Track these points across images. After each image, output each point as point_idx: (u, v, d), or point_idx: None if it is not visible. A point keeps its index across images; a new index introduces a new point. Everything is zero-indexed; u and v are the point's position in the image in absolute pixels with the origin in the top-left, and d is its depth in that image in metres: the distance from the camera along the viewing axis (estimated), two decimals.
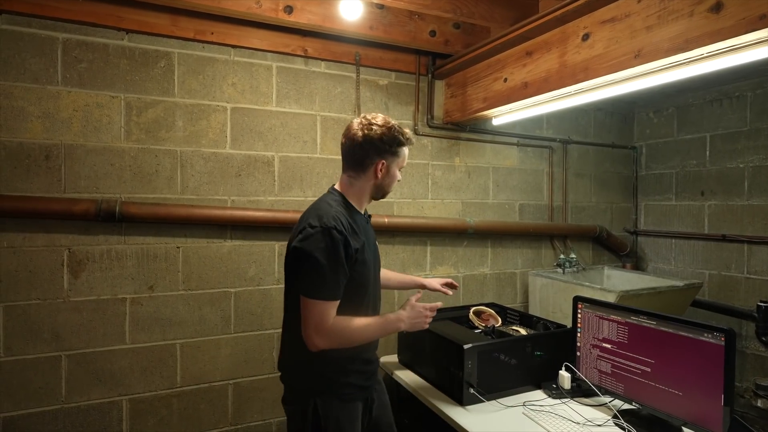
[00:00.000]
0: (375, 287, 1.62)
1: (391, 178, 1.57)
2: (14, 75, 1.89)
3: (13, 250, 1.90)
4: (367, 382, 1.59)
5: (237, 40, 2.22)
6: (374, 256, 1.61)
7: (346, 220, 1.46)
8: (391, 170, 1.56)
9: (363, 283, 1.52)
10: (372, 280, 1.58)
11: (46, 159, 1.94)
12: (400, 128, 1.54)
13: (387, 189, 1.59)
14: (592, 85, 1.88)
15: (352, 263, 1.44)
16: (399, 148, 1.54)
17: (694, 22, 1.46)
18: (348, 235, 1.43)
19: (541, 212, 3.12)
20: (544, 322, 2.25)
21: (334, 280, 1.40)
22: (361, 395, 1.57)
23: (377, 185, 1.57)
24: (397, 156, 1.55)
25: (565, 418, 1.72)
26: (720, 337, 1.50)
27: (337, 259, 1.39)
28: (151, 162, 2.10)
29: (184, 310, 2.17)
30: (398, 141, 1.53)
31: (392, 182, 1.58)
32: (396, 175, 1.58)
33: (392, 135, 1.52)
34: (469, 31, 2.52)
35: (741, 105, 2.89)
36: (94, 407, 2.02)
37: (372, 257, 1.57)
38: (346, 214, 1.49)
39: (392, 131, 1.52)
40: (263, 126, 2.31)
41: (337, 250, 1.39)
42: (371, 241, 1.61)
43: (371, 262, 1.56)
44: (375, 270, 1.61)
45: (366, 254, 1.51)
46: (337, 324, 1.41)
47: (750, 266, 2.82)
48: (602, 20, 1.76)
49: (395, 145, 1.53)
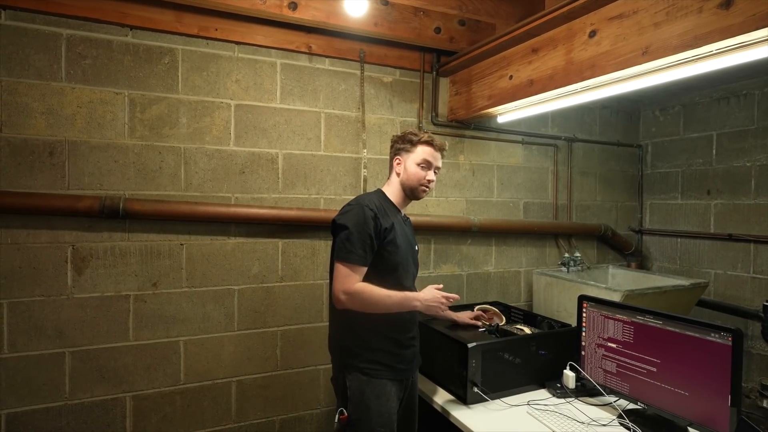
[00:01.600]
0: (405, 277, 1.74)
1: (410, 174, 1.75)
2: (18, 71, 1.88)
3: (17, 246, 1.90)
4: (398, 364, 1.70)
5: (241, 37, 2.21)
6: (408, 248, 1.77)
7: (380, 204, 1.69)
8: (407, 166, 1.75)
9: (392, 265, 1.68)
10: (402, 267, 1.71)
11: (50, 155, 1.93)
12: (416, 131, 1.79)
13: (411, 184, 1.75)
14: (598, 82, 1.86)
15: (382, 240, 1.64)
16: (411, 145, 1.75)
17: (703, 19, 1.44)
18: (377, 214, 1.64)
19: (545, 211, 3.11)
20: (549, 321, 2.24)
21: (362, 248, 1.59)
22: (391, 375, 1.67)
23: (401, 182, 1.77)
24: (410, 152, 1.76)
25: (569, 418, 1.71)
26: (727, 337, 1.49)
27: (366, 230, 1.60)
28: (154, 159, 2.10)
29: (188, 307, 2.17)
30: (409, 139, 1.76)
31: (414, 178, 1.74)
32: (415, 170, 1.74)
33: (405, 135, 1.78)
34: (474, 28, 2.50)
35: (748, 103, 2.86)
36: (98, 404, 2.02)
37: (405, 246, 1.73)
38: (383, 204, 1.73)
39: (405, 133, 1.78)
40: (267, 123, 2.30)
41: (367, 222, 1.60)
42: (407, 237, 1.78)
43: (404, 250, 1.72)
44: (407, 261, 1.75)
45: (397, 238, 1.68)
46: (362, 286, 1.58)
47: (756, 266, 2.80)
48: (609, 17, 1.74)
49: (406, 142, 1.76)
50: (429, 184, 1.77)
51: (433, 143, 1.76)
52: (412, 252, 1.81)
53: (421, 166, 1.74)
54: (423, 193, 1.77)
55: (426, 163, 1.75)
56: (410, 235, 1.85)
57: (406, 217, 1.88)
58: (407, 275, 1.76)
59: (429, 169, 1.76)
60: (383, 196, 1.79)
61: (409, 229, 1.87)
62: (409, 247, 1.79)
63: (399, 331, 1.71)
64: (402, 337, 1.72)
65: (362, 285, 1.59)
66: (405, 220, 1.85)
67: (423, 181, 1.75)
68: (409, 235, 1.84)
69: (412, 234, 1.88)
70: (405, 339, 1.73)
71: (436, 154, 1.78)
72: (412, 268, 1.80)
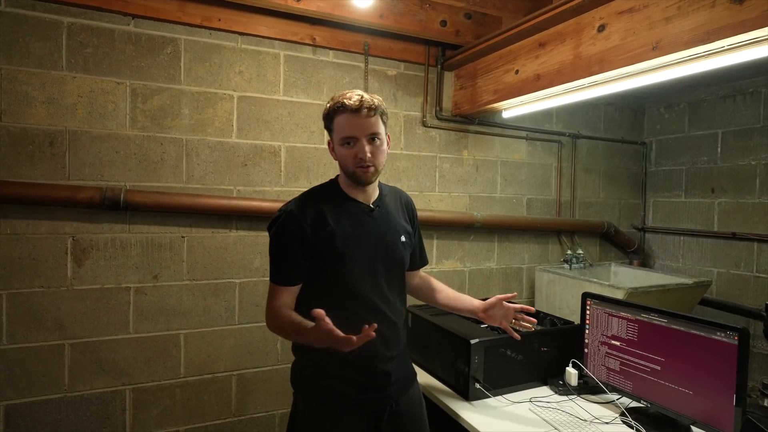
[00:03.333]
0: (364, 284, 1.40)
1: (340, 158, 1.38)
2: (18, 59, 1.86)
3: (17, 237, 1.88)
4: (361, 393, 1.41)
5: (244, 28, 2.19)
6: (371, 245, 1.42)
7: (314, 204, 1.38)
8: (335, 147, 1.39)
9: (338, 279, 1.38)
10: (353, 273, 1.38)
11: (50, 145, 1.91)
12: (339, 96, 1.35)
13: (346, 168, 1.38)
14: (606, 77, 1.84)
15: (314, 251, 1.35)
16: (331, 120, 1.37)
17: (716, 13, 1.42)
18: (306, 219, 1.34)
19: (548, 207, 3.09)
20: (551, 318, 2.23)
21: (280, 265, 1.36)
22: (351, 406, 1.41)
23: (340, 167, 1.42)
24: (331, 129, 1.39)
25: (571, 415, 1.70)
26: (733, 336, 1.48)
27: (284, 243, 1.35)
28: (156, 150, 2.07)
29: (189, 300, 2.15)
30: (328, 112, 1.37)
31: (344, 162, 1.37)
32: (341, 152, 1.36)
33: (326, 108, 1.38)
34: (480, 22, 2.47)
35: (755, 101, 2.84)
36: (97, 396, 2.01)
37: (362, 252, 1.40)
38: (326, 198, 1.42)
39: (328, 104, 1.38)
40: (270, 115, 2.28)
41: (284, 233, 1.35)
42: (369, 233, 1.42)
43: (357, 257, 1.38)
44: (362, 262, 1.40)
45: (343, 245, 1.36)
46: (278, 311, 1.34)
47: (759, 265, 2.78)
48: (619, 11, 1.71)
49: (327, 118, 1.39)
50: (364, 162, 1.33)
51: (345, 106, 1.31)
52: (380, 248, 1.43)
53: (345, 145, 1.35)
54: (364, 174, 1.35)
55: (348, 139, 1.33)
56: (384, 224, 1.46)
57: (374, 207, 1.46)
58: (367, 280, 1.40)
59: (355, 144, 1.33)
60: (333, 187, 1.46)
61: (378, 220, 1.46)
62: (374, 242, 1.42)
63: (367, 355, 1.35)
64: (372, 362, 1.40)
65: (276, 309, 1.34)
66: (374, 207, 1.45)
67: (353, 162, 1.34)
68: (381, 225, 1.45)
69: (394, 221, 1.50)
70: (376, 363, 1.41)
71: (355, 120, 1.31)
72: (379, 268, 1.43)
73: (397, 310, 1.50)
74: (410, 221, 1.60)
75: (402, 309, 1.54)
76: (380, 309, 1.42)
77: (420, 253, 1.69)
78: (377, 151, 1.36)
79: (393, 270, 1.48)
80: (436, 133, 2.68)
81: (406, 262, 1.54)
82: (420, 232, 1.68)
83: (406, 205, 1.61)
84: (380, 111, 1.36)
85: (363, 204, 1.45)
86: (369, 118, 1.33)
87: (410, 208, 1.63)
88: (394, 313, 1.48)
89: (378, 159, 1.36)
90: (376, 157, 1.36)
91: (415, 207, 1.65)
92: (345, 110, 1.32)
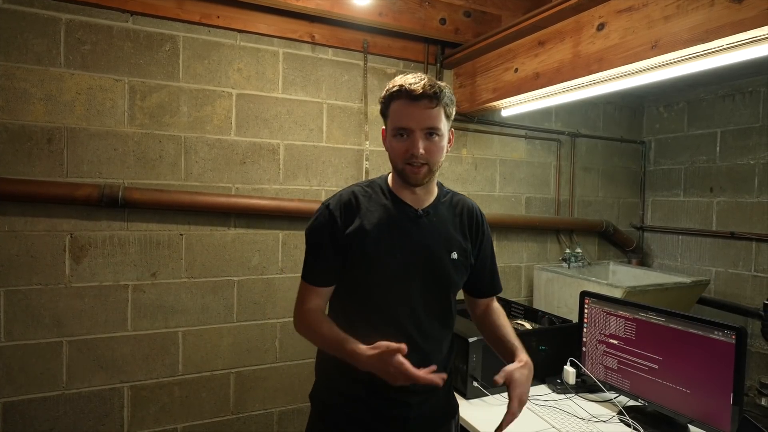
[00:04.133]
0: (389, 301, 1.23)
1: (389, 150, 1.22)
2: (16, 56, 1.85)
3: (15, 234, 1.88)
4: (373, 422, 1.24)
5: (243, 25, 2.18)
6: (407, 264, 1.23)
7: (354, 198, 1.24)
8: (387, 137, 1.24)
9: (362, 288, 1.23)
10: (378, 285, 1.22)
11: (48, 142, 1.91)
12: (400, 79, 1.19)
13: (395, 163, 1.21)
14: (605, 76, 1.84)
15: (345, 249, 1.21)
16: (387, 106, 1.21)
17: (715, 12, 1.41)
18: (341, 214, 1.21)
19: (547, 206, 3.09)
20: (549, 317, 2.23)
21: (312, 262, 1.24)
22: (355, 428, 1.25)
23: (390, 160, 1.24)
24: (386, 116, 1.22)
25: (569, 414, 1.70)
26: (731, 335, 1.48)
27: (316, 238, 1.23)
28: (154, 147, 2.07)
29: (187, 298, 2.15)
30: (385, 96, 1.21)
31: (393, 155, 1.20)
32: (392, 144, 1.20)
33: (384, 94, 1.22)
34: (480, 20, 2.47)
35: (754, 101, 2.84)
36: (96, 394, 2.01)
37: (396, 263, 1.22)
38: (369, 194, 1.27)
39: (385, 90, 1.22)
40: (269, 113, 2.28)
41: (322, 227, 1.22)
42: (410, 243, 1.24)
43: (389, 267, 1.22)
44: (392, 275, 1.22)
45: (373, 249, 1.20)
46: (311, 314, 1.23)
47: (757, 264, 2.79)
48: (618, 9, 1.71)
49: (383, 103, 1.22)
50: (415, 159, 1.15)
51: (403, 91, 1.14)
52: (421, 262, 1.24)
53: (398, 136, 1.18)
54: (414, 173, 1.17)
55: (401, 130, 1.16)
56: (431, 235, 1.26)
57: (426, 211, 1.26)
58: (398, 297, 1.22)
59: (408, 137, 1.16)
60: (381, 183, 1.30)
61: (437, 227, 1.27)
62: (414, 254, 1.23)
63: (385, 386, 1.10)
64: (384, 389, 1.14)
65: (311, 313, 1.22)
66: (423, 214, 1.26)
67: (403, 157, 1.17)
68: (427, 236, 1.25)
69: (446, 233, 1.28)
70: (389, 392, 1.18)
71: (413, 110, 1.14)
72: (416, 285, 1.23)
73: (434, 340, 1.27)
74: (471, 237, 1.34)
75: (443, 341, 1.31)
76: (410, 335, 1.20)
77: (490, 278, 1.43)
78: (434, 149, 1.17)
79: (434, 291, 1.26)
80: None
81: (454, 284, 1.31)
82: (493, 252, 1.43)
83: (470, 217, 1.35)
84: (445, 101, 1.16)
85: (410, 208, 1.25)
86: (429, 109, 1.14)
87: (475, 221, 1.36)
88: (429, 343, 1.25)
89: (434, 157, 1.18)
90: (432, 155, 1.17)
91: (484, 221, 1.39)
92: (402, 96, 1.15)
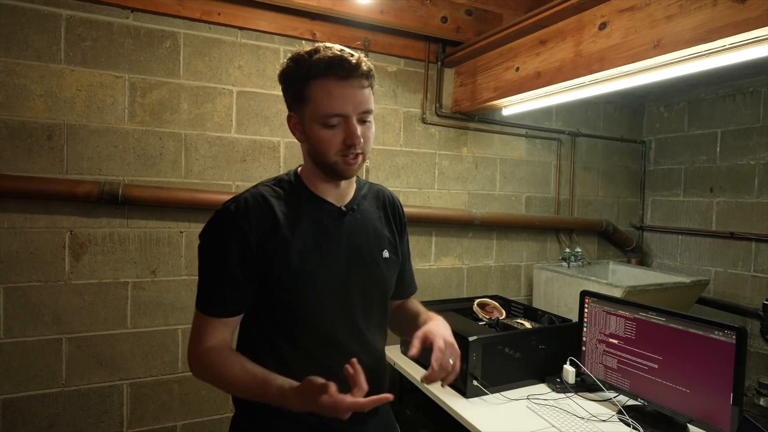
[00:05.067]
0: (334, 326, 1.04)
1: (315, 142, 0.97)
2: (17, 52, 1.84)
3: (14, 231, 1.87)
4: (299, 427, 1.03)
5: (244, 22, 2.17)
6: (341, 272, 1.05)
7: (262, 202, 1.01)
8: (306, 127, 0.98)
9: (294, 312, 1.02)
10: (324, 312, 1.03)
11: (48, 139, 1.90)
12: (312, 50, 0.95)
13: (324, 156, 0.98)
14: (607, 75, 1.83)
15: (260, 269, 0.98)
16: (302, 89, 0.96)
17: (717, 12, 1.41)
18: (252, 223, 0.98)
19: (547, 205, 3.09)
20: (549, 316, 2.23)
21: (212, 287, 0.99)
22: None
23: (309, 154, 1.03)
24: (303, 101, 0.96)
25: (569, 413, 1.71)
26: (731, 335, 1.49)
27: (219, 257, 0.98)
28: (155, 145, 2.07)
29: (187, 295, 2.15)
30: (299, 72, 0.95)
31: (325, 145, 0.97)
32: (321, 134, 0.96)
33: (286, 69, 0.98)
34: (481, 18, 2.47)
35: (754, 101, 2.84)
36: (95, 391, 2.01)
37: (329, 274, 1.03)
38: (280, 195, 1.04)
39: (287, 64, 0.98)
40: (269, 110, 2.27)
41: (222, 242, 0.98)
42: (339, 246, 1.06)
43: (321, 280, 1.02)
44: (337, 296, 1.04)
45: (300, 262, 1.00)
46: (215, 354, 0.97)
47: (757, 264, 2.79)
48: (621, 9, 1.71)
49: (294, 83, 0.97)
50: (354, 149, 0.97)
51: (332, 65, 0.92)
52: (355, 266, 1.06)
53: (329, 125, 0.95)
54: (351, 166, 0.99)
55: (335, 117, 0.95)
56: (360, 234, 1.09)
57: (350, 207, 1.09)
58: (337, 313, 1.04)
59: (343, 125, 0.96)
60: (291, 182, 1.08)
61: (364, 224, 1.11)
62: (346, 259, 1.05)
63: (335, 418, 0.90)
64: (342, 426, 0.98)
65: (209, 350, 0.97)
66: (347, 211, 1.08)
67: (338, 148, 0.96)
68: (356, 235, 1.08)
69: (375, 230, 1.12)
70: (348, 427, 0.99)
71: (346, 91, 0.94)
72: (354, 295, 1.06)
73: (377, 353, 1.13)
74: (397, 230, 1.19)
75: (383, 350, 1.17)
76: (353, 352, 1.00)
77: (411, 276, 1.30)
78: (369, 135, 1.00)
79: (373, 297, 1.10)
80: (436, 130, 2.68)
81: (390, 287, 1.16)
82: (408, 246, 1.27)
83: (392, 208, 1.20)
84: (373, 78, 0.99)
85: (332, 206, 1.07)
86: (362, 89, 0.96)
87: (397, 212, 1.21)
88: (373, 358, 1.10)
89: (369, 145, 1.00)
90: (367, 143, 1.00)
91: (403, 210, 1.24)
92: (329, 74, 0.92)
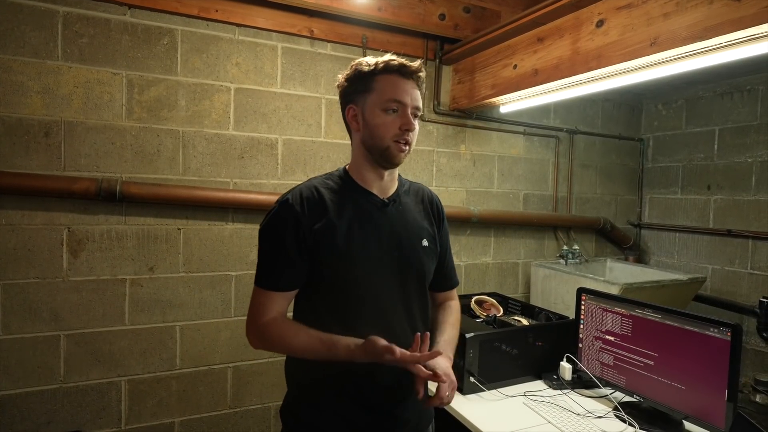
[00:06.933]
0: (370, 297, 1.18)
1: (373, 127, 1.14)
2: (13, 48, 1.84)
3: (12, 227, 1.87)
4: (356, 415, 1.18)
5: (242, 19, 2.17)
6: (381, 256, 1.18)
7: (314, 192, 1.17)
8: (367, 113, 1.15)
9: (341, 285, 1.16)
10: (356, 282, 1.16)
11: (45, 136, 1.90)
12: (368, 59, 1.17)
13: (380, 142, 1.14)
14: (604, 73, 1.84)
15: (313, 249, 1.13)
16: (368, 81, 1.14)
17: (714, 10, 1.41)
18: (305, 210, 1.13)
19: (545, 203, 3.09)
20: (546, 313, 2.24)
21: (272, 265, 1.14)
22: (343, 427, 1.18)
23: (363, 141, 1.18)
24: (368, 91, 1.14)
25: (565, 409, 1.71)
26: (726, 332, 1.49)
27: (279, 238, 1.13)
28: (152, 142, 2.06)
29: (185, 292, 2.15)
30: (362, 72, 1.15)
31: (381, 131, 1.13)
32: (379, 120, 1.13)
33: (354, 70, 1.17)
34: (479, 16, 2.47)
35: (752, 99, 2.84)
36: (93, 387, 2.02)
37: (370, 255, 1.17)
38: (330, 186, 1.20)
39: (354, 67, 1.17)
40: (267, 108, 2.27)
41: (280, 226, 1.13)
42: (380, 233, 1.19)
43: (364, 260, 1.16)
44: (377, 276, 1.18)
45: (345, 243, 1.14)
46: (278, 325, 1.14)
47: (754, 262, 2.80)
48: (618, 6, 1.71)
49: (360, 79, 1.15)
50: (408, 134, 1.13)
51: (394, 65, 1.13)
52: (394, 252, 1.19)
53: (389, 110, 1.13)
54: (399, 152, 1.14)
55: (395, 103, 1.12)
56: (400, 224, 1.23)
57: (392, 199, 1.24)
58: (378, 292, 1.18)
59: (401, 113, 1.13)
60: (340, 177, 1.23)
61: (404, 215, 1.25)
62: (386, 244, 1.19)
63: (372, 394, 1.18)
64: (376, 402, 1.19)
65: (272, 321, 1.13)
66: (389, 202, 1.22)
67: (394, 133, 1.13)
68: (397, 224, 1.22)
69: (414, 221, 1.26)
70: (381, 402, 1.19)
71: (408, 86, 1.13)
72: (392, 277, 1.20)
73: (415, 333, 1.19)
74: (436, 222, 1.34)
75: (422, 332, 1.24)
76: (394, 331, 1.14)
77: (450, 269, 1.42)
78: (416, 130, 1.17)
79: (410, 281, 1.23)
80: (434, 128, 2.68)
81: (428, 273, 1.28)
82: (448, 241, 1.40)
83: (431, 203, 1.35)
84: (424, 84, 1.19)
85: (376, 197, 1.21)
86: (416, 89, 1.16)
87: (436, 207, 1.36)
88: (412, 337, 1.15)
89: (414, 139, 1.17)
90: (414, 136, 1.17)
91: (441, 206, 1.39)
92: (394, 70, 1.13)
